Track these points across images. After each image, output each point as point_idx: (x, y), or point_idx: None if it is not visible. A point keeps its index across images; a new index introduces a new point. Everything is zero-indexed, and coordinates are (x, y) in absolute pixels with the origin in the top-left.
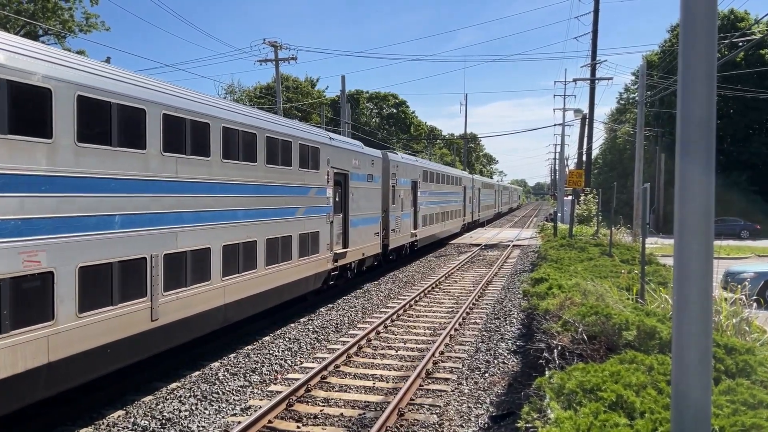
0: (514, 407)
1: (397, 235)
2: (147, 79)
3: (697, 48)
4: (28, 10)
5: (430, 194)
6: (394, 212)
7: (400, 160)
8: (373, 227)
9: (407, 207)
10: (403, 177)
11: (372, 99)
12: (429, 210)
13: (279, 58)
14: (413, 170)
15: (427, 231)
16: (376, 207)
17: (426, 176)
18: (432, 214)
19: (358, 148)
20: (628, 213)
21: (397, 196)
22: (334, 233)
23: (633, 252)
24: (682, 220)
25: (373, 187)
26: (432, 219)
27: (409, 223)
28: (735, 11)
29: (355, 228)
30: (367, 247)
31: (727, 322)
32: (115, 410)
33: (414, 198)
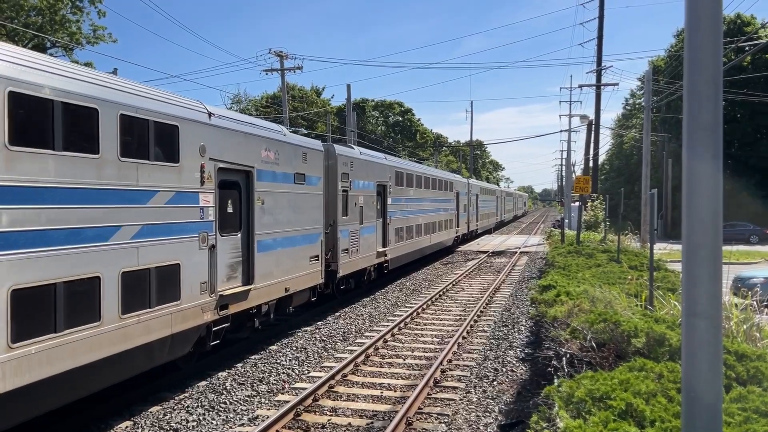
0: (523, 416)
1: (354, 256)
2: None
3: (703, 52)
4: (36, 23)
5: (407, 201)
6: (347, 226)
7: (357, 157)
8: (307, 249)
9: (370, 218)
10: (363, 179)
11: (378, 107)
12: (405, 221)
13: (285, 68)
14: (380, 171)
15: (402, 248)
16: (312, 220)
17: (400, 179)
18: (410, 227)
19: (273, 134)
20: (635, 219)
21: (353, 205)
22: (220, 264)
23: (641, 258)
24: (690, 226)
25: (305, 192)
26: (410, 232)
27: (373, 239)
28: (741, 15)
29: (269, 253)
30: (294, 279)
31: (738, 328)
32: (122, 421)
33: (382, 206)
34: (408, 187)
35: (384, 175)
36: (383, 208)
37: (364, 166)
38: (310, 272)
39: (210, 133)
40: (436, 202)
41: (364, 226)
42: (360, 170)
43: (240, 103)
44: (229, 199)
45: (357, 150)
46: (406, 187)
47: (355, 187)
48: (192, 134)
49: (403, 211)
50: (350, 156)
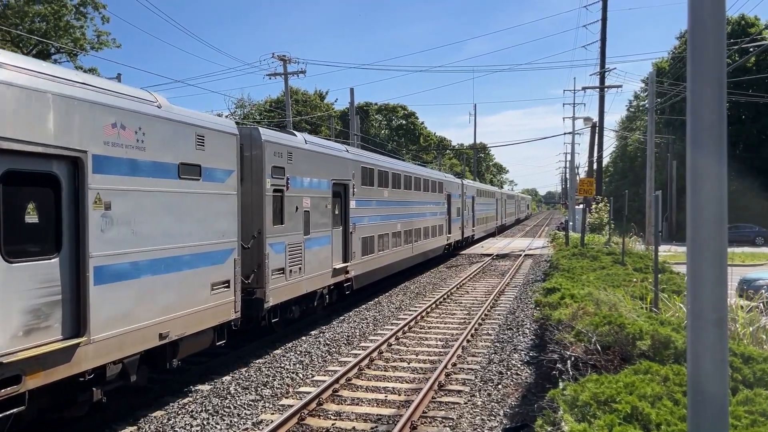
0: (528, 419)
1: (295, 277)
2: None
3: (706, 53)
4: (41, 29)
5: (379, 204)
6: (282, 237)
7: (299, 146)
8: (205, 273)
9: (322, 227)
10: (311, 175)
11: (381, 111)
12: (377, 228)
13: (288, 72)
14: (338, 166)
15: (372, 262)
16: (216, 232)
17: (370, 177)
18: (384, 235)
19: (132, 103)
20: (640, 221)
21: (292, 210)
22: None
23: (646, 260)
24: (695, 227)
25: (202, 193)
26: (384, 242)
27: (328, 253)
28: (745, 17)
29: (125, 284)
30: (180, 319)
31: (744, 331)
32: (126, 426)
33: (343, 211)
34: (381, 187)
35: (344, 172)
36: (344, 213)
37: (311, 159)
38: (213, 306)
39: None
40: (422, 205)
41: (312, 237)
42: (305, 164)
43: (244, 107)
44: (32, 203)
45: (300, 137)
46: (379, 187)
47: (297, 185)
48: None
49: (374, 217)
50: (287, 144)
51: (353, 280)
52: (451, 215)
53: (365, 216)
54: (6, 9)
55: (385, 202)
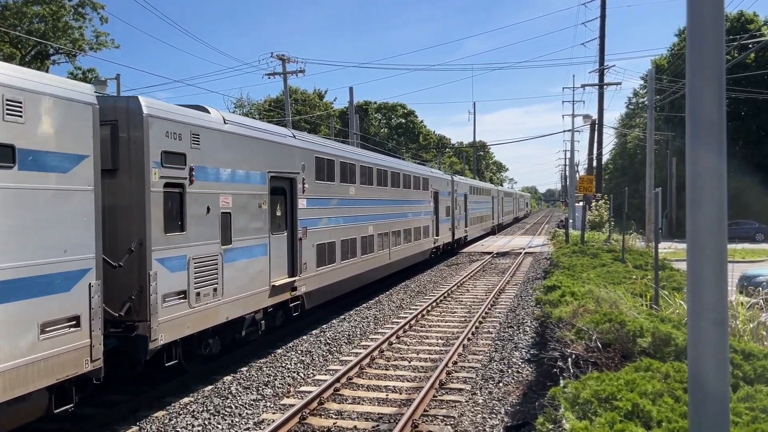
0: (529, 417)
1: (207, 302)
2: None
3: (705, 49)
4: (39, 29)
5: (342, 204)
6: (182, 249)
7: (213, 126)
8: (17, 313)
9: (254, 233)
10: (233, 166)
11: (380, 109)
12: (338, 233)
13: (287, 71)
14: (279, 155)
15: (333, 273)
16: (45, 246)
17: (327, 170)
18: (348, 241)
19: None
20: (640, 218)
21: (200, 211)
22: None
23: (646, 257)
24: (695, 224)
25: (20, 187)
26: (349, 249)
27: (262, 266)
28: (744, 13)
29: None
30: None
31: (744, 327)
32: (128, 426)
33: (289, 212)
34: (345, 182)
35: (290, 163)
36: (290, 215)
37: (234, 145)
38: (45, 356)
39: None
40: (402, 204)
41: (236, 247)
42: (224, 151)
43: (243, 107)
44: None
45: (216, 115)
46: (342, 183)
47: (208, 178)
48: None
49: (335, 218)
50: (191, 123)
51: (304, 298)
52: (439, 215)
53: (322, 218)
54: (4, 10)
55: (351, 201)
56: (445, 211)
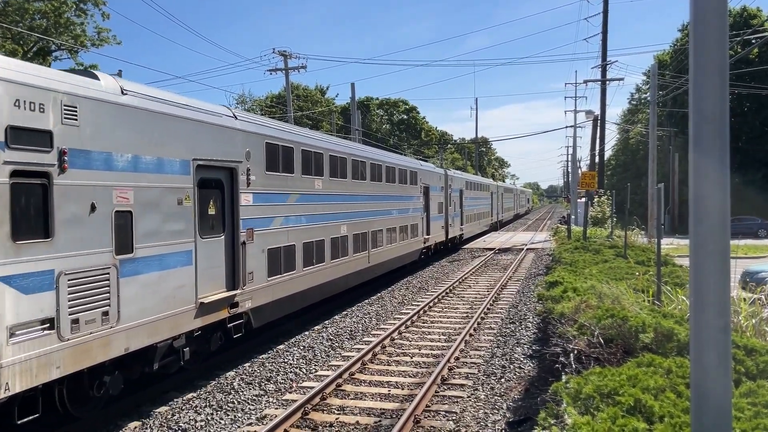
0: (531, 413)
1: (95, 329)
2: None
3: (708, 44)
4: (41, 26)
5: (305, 200)
6: (53, 262)
7: (98, 96)
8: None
9: (172, 236)
10: (140, 151)
11: (382, 105)
12: (301, 233)
13: (289, 67)
14: (214, 138)
15: (292, 283)
16: None
17: (283, 159)
18: (316, 243)
19: None
20: (642, 214)
21: (77, 210)
22: None
23: (648, 253)
24: (697, 220)
25: None
26: (315, 253)
27: (187, 279)
28: (747, 9)
29: None
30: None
31: (747, 323)
32: (131, 421)
33: (228, 210)
34: (307, 175)
35: (229, 149)
36: (230, 214)
37: (138, 123)
38: None
39: None
40: (384, 200)
41: (142, 257)
42: (121, 130)
43: (245, 103)
44: None
45: (109, 83)
46: (305, 175)
47: (93, 166)
48: None
49: (294, 217)
50: (60, 90)
51: (250, 315)
52: (430, 212)
53: (275, 217)
54: (6, 6)
55: (317, 197)
56: (438, 207)
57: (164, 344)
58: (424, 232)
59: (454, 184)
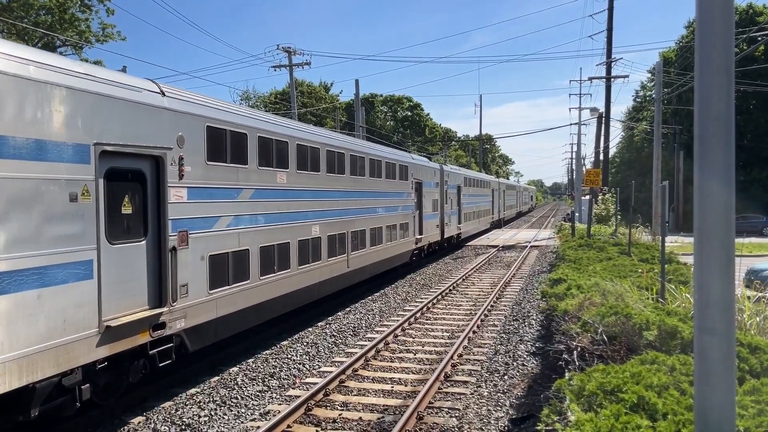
0: (534, 410)
1: None
2: None
3: (714, 41)
4: (46, 21)
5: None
6: None
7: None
8: None
9: (64, 242)
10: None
11: (386, 102)
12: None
13: (293, 64)
14: (133, 118)
15: (244, 295)
16: None
17: (232, 147)
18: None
19: None
20: (647, 212)
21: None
22: None
23: (652, 251)
24: (702, 218)
25: None
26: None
27: (81, 297)
28: (753, 6)
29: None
30: None
31: (751, 321)
32: (135, 416)
33: (153, 208)
34: (266, 167)
35: (153, 132)
36: (154, 213)
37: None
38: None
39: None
40: (367, 196)
41: (2, 272)
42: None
43: (249, 99)
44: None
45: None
46: (263, 167)
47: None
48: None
49: (246, 217)
50: None
51: (184, 338)
52: (423, 210)
53: (221, 216)
54: (11, 2)
55: (280, 192)
56: (432, 205)
57: (47, 384)
58: (416, 232)
59: (451, 180)
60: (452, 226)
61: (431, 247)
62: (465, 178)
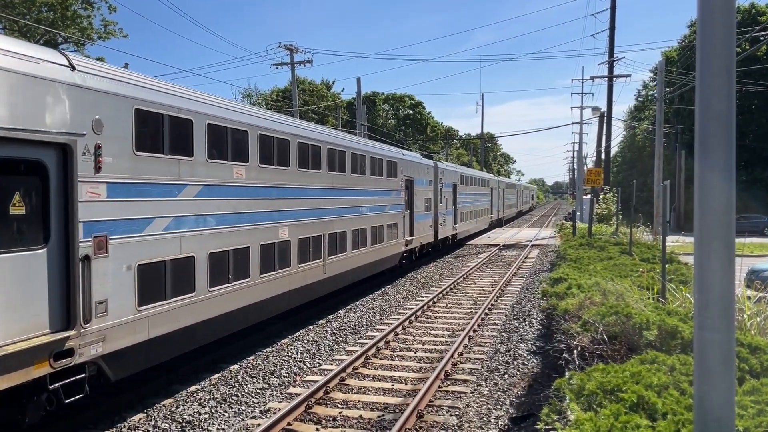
0: (534, 409)
1: None
2: None
3: (715, 40)
4: (48, 18)
5: (210, 193)
6: None
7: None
8: None
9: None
10: None
11: (388, 100)
12: (204, 240)
13: (295, 62)
14: (18, 94)
15: (184, 312)
16: None
17: (171, 133)
18: (230, 253)
19: None
20: (648, 211)
21: None
22: None
23: (653, 250)
24: (702, 218)
25: None
26: (230, 266)
27: None
28: (756, 5)
29: None
30: None
31: (751, 321)
32: (135, 413)
33: (51, 208)
34: (217, 159)
35: (59, 114)
36: (59, 214)
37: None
38: None
39: None
40: (348, 194)
41: None
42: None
43: (251, 97)
44: None
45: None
46: (213, 160)
47: None
48: None
49: (189, 219)
50: None
51: (103, 366)
52: (415, 209)
53: (156, 218)
54: None
55: (236, 190)
56: (425, 204)
57: None
58: (406, 233)
59: (447, 178)
60: (447, 227)
61: (424, 249)
62: (462, 176)
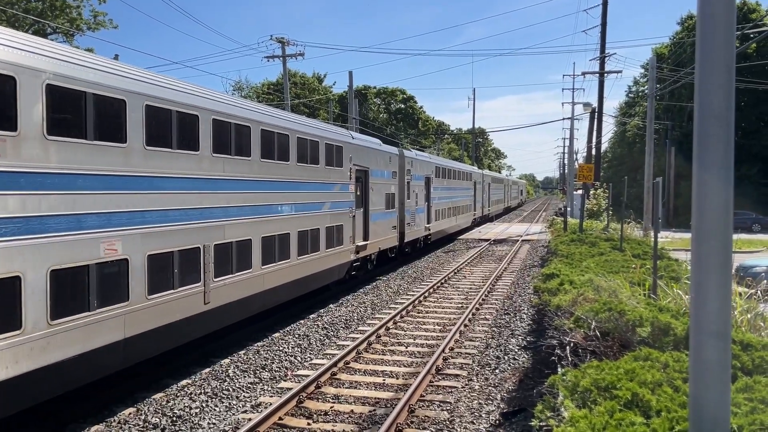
0: (526, 404)
1: None
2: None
3: (716, 38)
4: (37, 8)
5: (72, 186)
6: None
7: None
8: None
9: None
10: None
11: (380, 94)
12: (66, 247)
13: (286, 55)
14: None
15: (58, 343)
16: None
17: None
18: (14, 282)
19: None
20: (638, 207)
21: None
22: None
23: (644, 246)
24: (700, 216)
25: None
26: (12, 306)
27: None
28: (747, 2)
29: None
30: None
31: (742, 318)
32: (126, 407)
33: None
34: (90, 141)
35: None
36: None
37: None
38: None
39: None
40: (257, 188)
41: None
42: None
43: (242, 90)
44: None
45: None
46: (80, 140)
47: None
48: None
49: (62, 219)
50: None
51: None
52: (371, 207)
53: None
54: None
55: (120, 178)
56: (386, 200)
57: None
58: (357, 237)
59: (417, 170)
60: (418, 227)
61: (384, 254)
62: (437, 168)
